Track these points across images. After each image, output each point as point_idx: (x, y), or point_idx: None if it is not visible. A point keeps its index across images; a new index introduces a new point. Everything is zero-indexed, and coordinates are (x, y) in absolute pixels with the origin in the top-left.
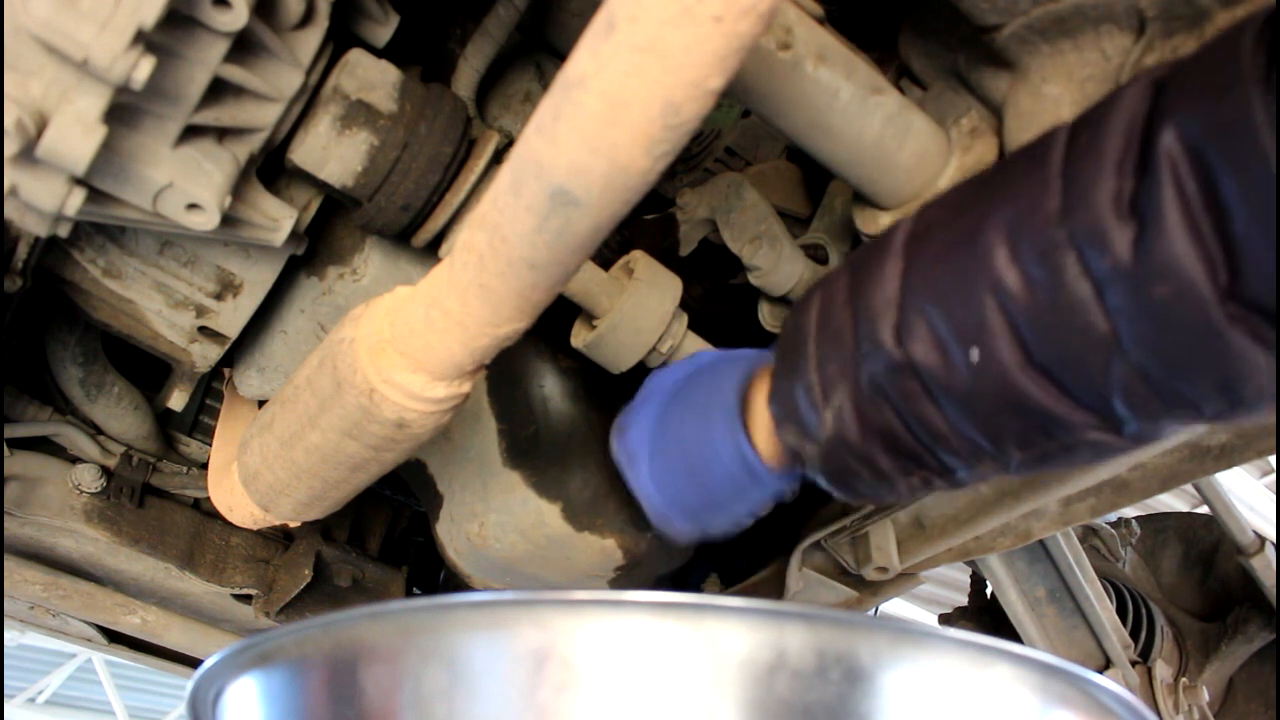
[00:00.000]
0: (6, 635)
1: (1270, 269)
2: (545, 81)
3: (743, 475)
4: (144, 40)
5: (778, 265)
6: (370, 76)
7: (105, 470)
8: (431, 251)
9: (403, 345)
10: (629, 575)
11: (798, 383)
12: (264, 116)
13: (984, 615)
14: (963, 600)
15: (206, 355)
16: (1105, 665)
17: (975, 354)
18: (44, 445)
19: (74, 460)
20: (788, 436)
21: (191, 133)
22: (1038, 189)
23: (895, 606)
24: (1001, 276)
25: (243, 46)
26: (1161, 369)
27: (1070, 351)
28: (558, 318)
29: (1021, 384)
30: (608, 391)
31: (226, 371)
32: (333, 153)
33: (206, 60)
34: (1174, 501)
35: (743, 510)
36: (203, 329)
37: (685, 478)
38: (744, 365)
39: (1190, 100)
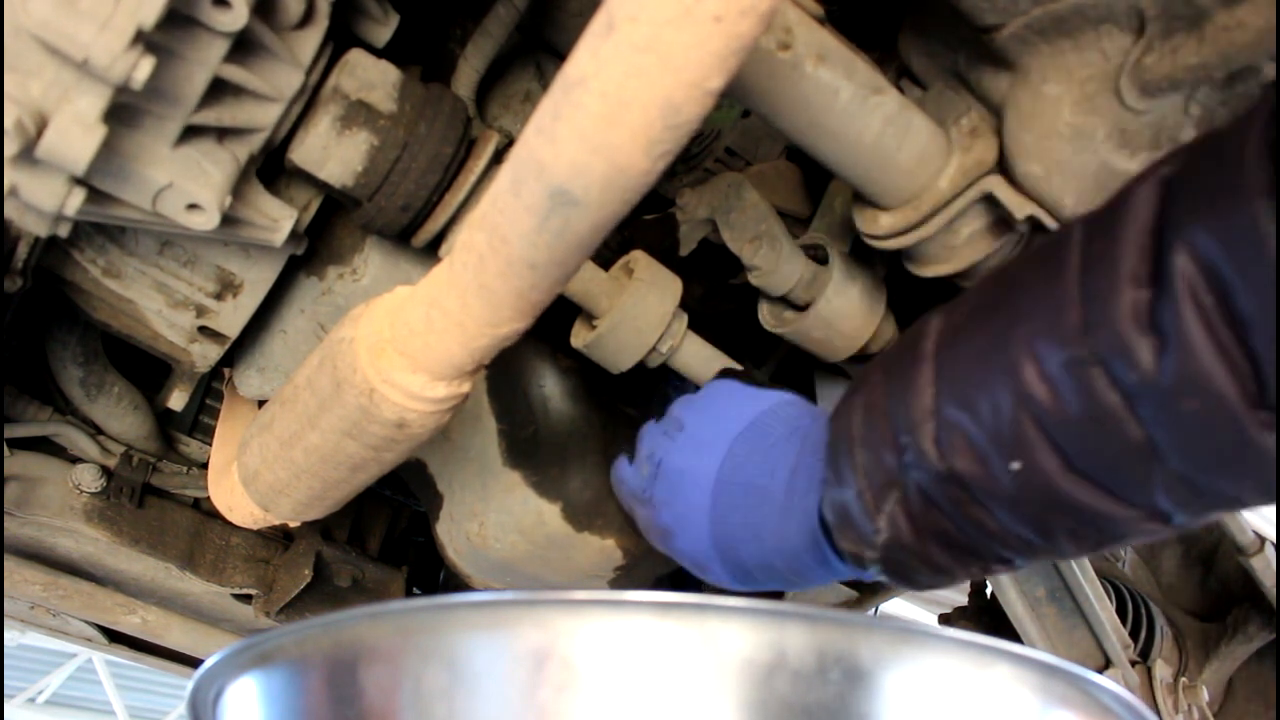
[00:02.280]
0: (6, 635)
1: None
2: (545, 81)
3: (817, 569)
4: (144, 40)
5: (778, 265)
6: (370, 76)
7: (105, 470)
8: (431, 251)
9: (402, 345)
10: (629, 575)
11: (847, 491)
12: (264, 116)
13: (984, 615)
14: (963, 600)
15: (206, 355)
16: (1105, 665)
17: (1016, 465)
18: (44, 445)
19: (74, 460)
20: (844, 543)
21: (191, 133)
22: (1057, 301)
23: (895, 606)
24: (1032, 391)
25: (243, 46)
26: (1201, 474)
27: (1109, 459)
28: (558, 318)
29: (1066, 489)
30: (608, 391)
31: (226, 371)
32: (333, 153)
33: (206, 60)
34: None
35: (804, 585)
36: (203, 329)
37: (752, 545)
38: (817, 433)
39: (1199, 213)
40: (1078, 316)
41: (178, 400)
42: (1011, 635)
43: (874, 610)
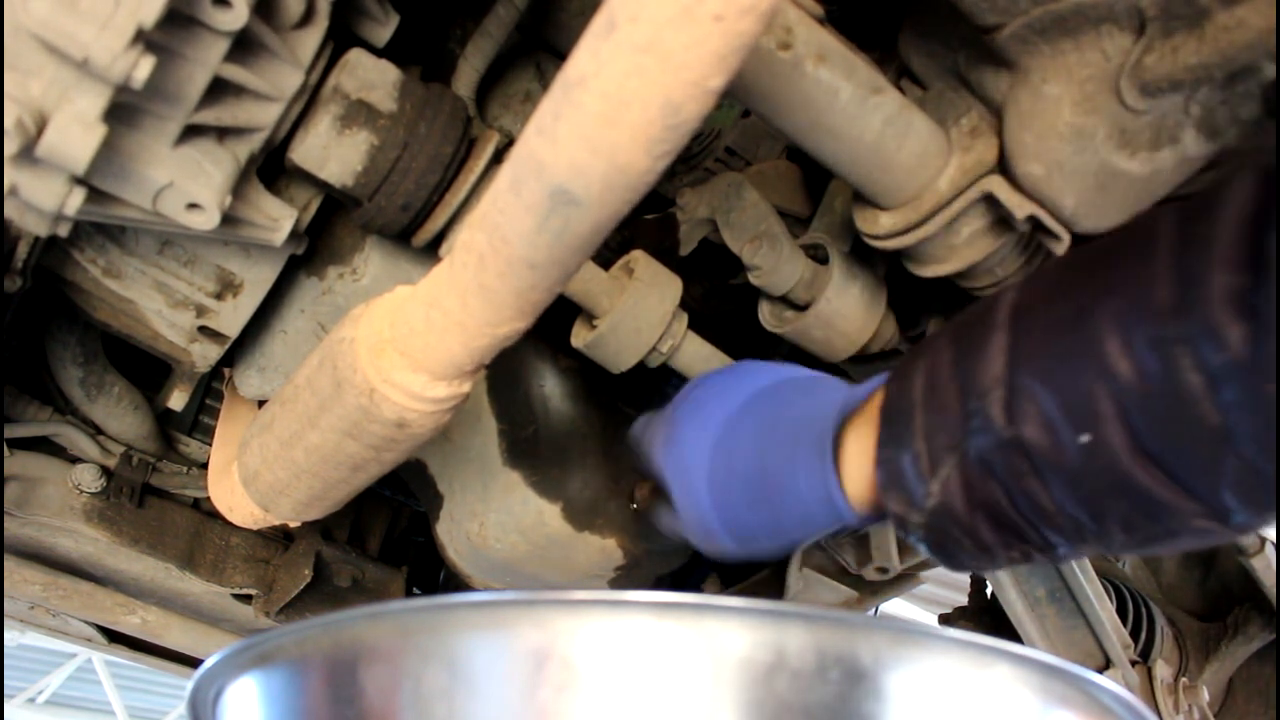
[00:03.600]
0: (6, 635)
1: None
2: (545, 81)
3: (824, 516)
4: (144, 40)
5: (778, 265)
6: (370, 76)
7: (105, 470)
8: (431, 251)
9: (403, 345)
10: (629, 575)
11: (904, 451)
12: (264, 116)
13: (984, 615)
14: (963, 600)
15: (206, 355)
16: (1105, 665)
17: (1086, 438)
18: (44, 445)
19: (74, 460)
20: (893, 504)
21: (191, 132)
22: (1148, 279)
23: (895, 606)
24: (1114, 365)
25: (243, 46)
26: (1270, 462)
27: (1181, 442)
28: (558, 318)
29: (1131, 470)
30: (608, 391)
31: (226, 371)
32: (333, 152)
33: (206, 60)
34: None
35: (804, 540)
36: (203, 329)
37: (753, 503)
38: (837, 397)
39: None
40: (1169, 295)
41: (178, 400)
42: (1011, 635)
43: (874, 610)
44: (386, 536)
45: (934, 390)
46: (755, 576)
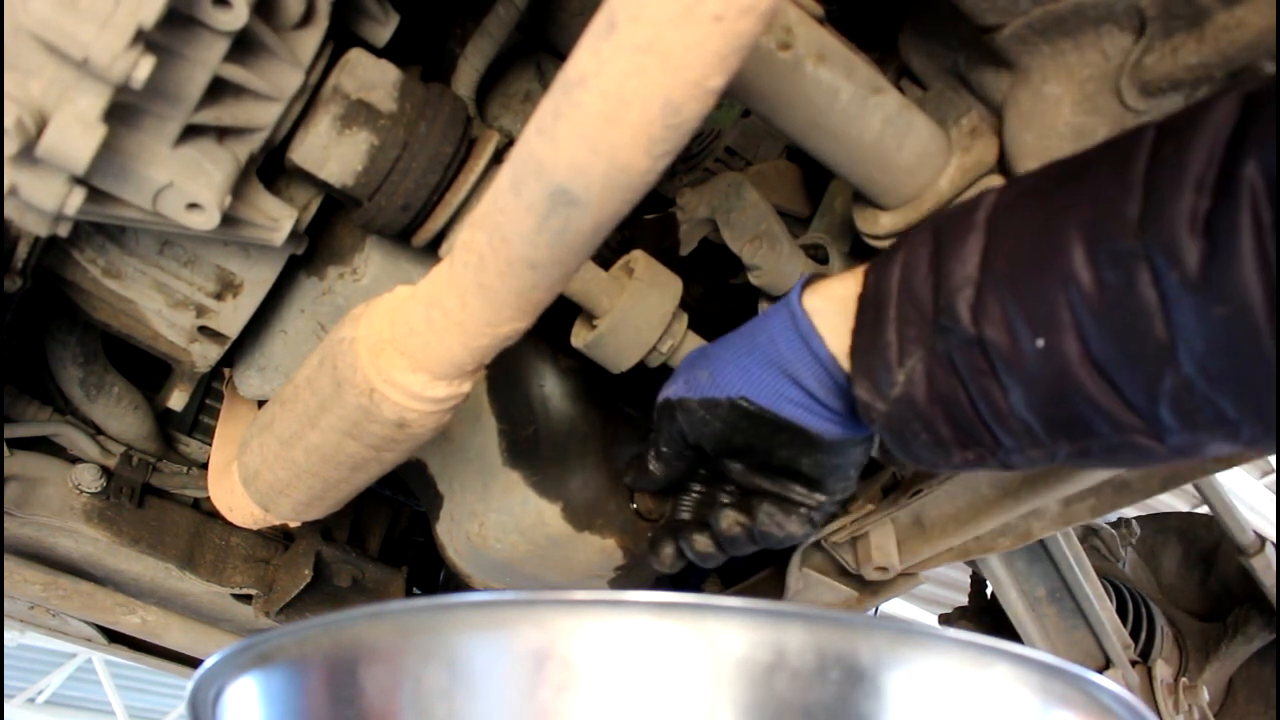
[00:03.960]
0: (6, 635)
1: None
2: (545, 81)
3: (787, 337)
4: (144, 39)
5: (778, 265)
6: (370, 76)
7: (105, 470)
8: (431, 251)
9: (403, 345)
10: (629, 575)
11: (877, 341)
12: (264, 116)
13: (984, 615)
14: (963, 600)
15: (206, 355)
16: (1105, 665)
17: (1041, 342)
18: (44, 445)
19: (74, 460)
20: (861, 391)
21: (191, 132)
22: (1119, 193)
23: (895, 606)
24: (1076, 273)
25: (243, 46)
26: (1208, 385)
27: (1128, 354)
28: (558, 318)
29: (1079, 376)
30: (608, 391)
31: (226, 371)
32: (333, 152)
33: (206, 60)
34: (1174, 501)
35: (787, 385)
36: (203, 329)
37: (733, 341)
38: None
39: (1276, 128)
40: (1135, 210)
41: (178, 400)
42: (1011, 635)
43: (874, 610)
44: (386, 536)
45: (909, 284)
46: (755, 576)
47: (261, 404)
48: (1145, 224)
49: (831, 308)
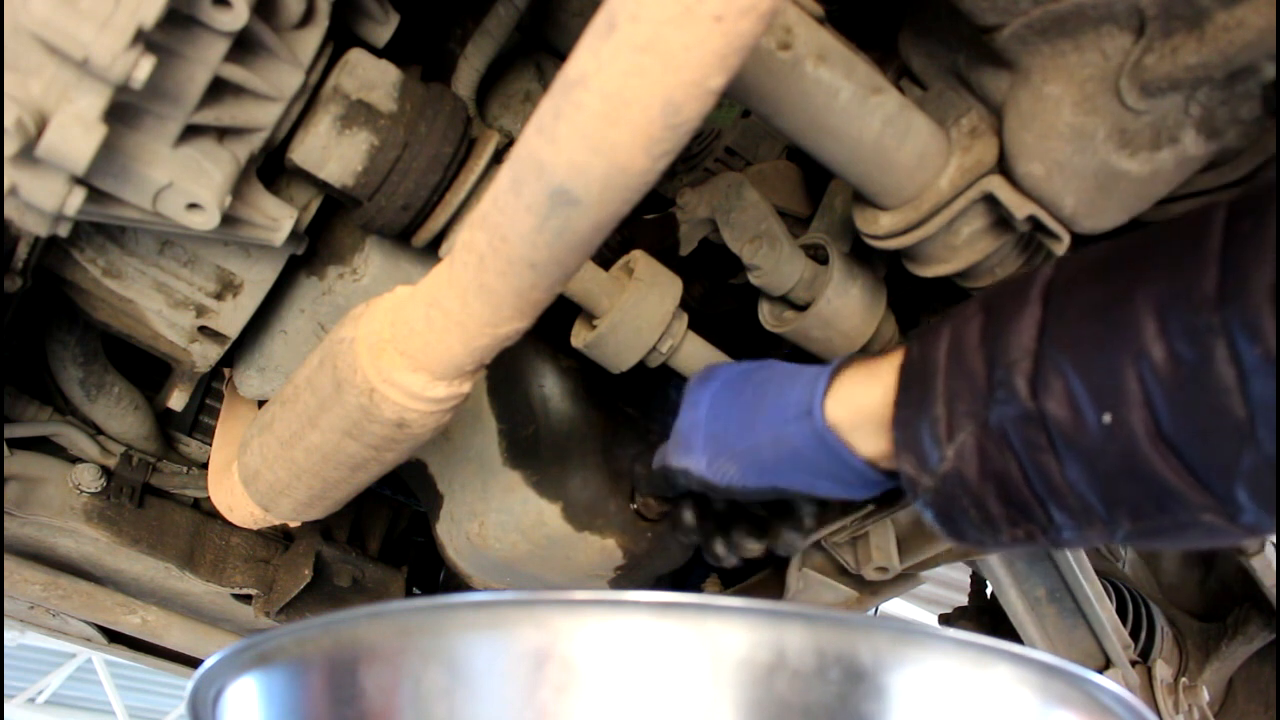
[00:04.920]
0: (6, 635)
1: None
2: (545, 81)
3: (800, 432)
4: (144, 39)
5: (778, 265)
6: (370, 76)
7: (105, 470)
8: (431, 251)
9: (403, 345)
10: (629, 575)
11: (924, 414)
12: (264, 116)
13: (984, 615)
14: (963, 600)
15: (206, 355)
16: (1105, 665)
17: (1108, 418)
18: (44, 445)
19: (74, 460)
20: (905, 465)
21: (191, 132)
22: (1194, 268)
23: (895, 606)
24: (1148, 348)
25: (243, 46)
26: None
27: (1203, 432)
28: (558, 318)
29: (1148, 455)
30: (608, 391)
31: (226, 371)
32: (333, 152)
33: (206, 60)
34: None
35: (774, 463)
36: (203, 329)
37: (742, 407)
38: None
39: None
40: (1212, 285)
41: (178, 400)
42: (1011, 635)
43: (874, 610)
44: (386, 536)
45: (960, 356)
46: (755, 576)
47: (261, 404)
48: (1224, 299)
49: (859, 420)
